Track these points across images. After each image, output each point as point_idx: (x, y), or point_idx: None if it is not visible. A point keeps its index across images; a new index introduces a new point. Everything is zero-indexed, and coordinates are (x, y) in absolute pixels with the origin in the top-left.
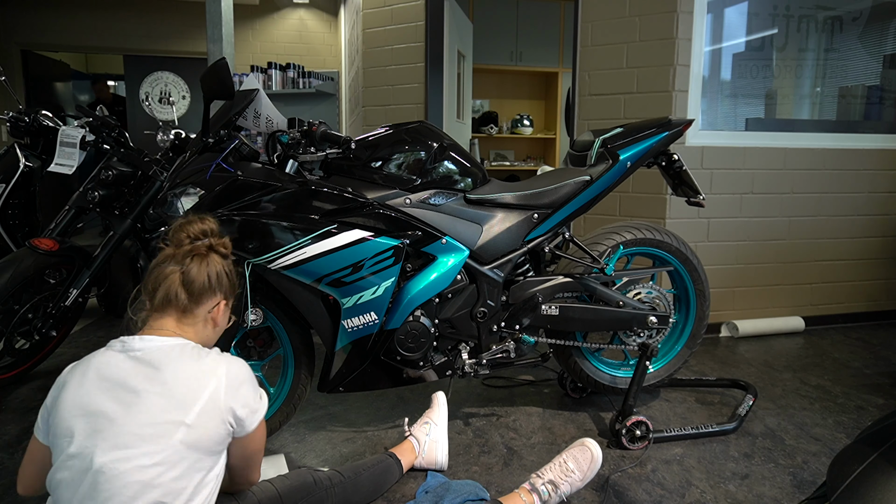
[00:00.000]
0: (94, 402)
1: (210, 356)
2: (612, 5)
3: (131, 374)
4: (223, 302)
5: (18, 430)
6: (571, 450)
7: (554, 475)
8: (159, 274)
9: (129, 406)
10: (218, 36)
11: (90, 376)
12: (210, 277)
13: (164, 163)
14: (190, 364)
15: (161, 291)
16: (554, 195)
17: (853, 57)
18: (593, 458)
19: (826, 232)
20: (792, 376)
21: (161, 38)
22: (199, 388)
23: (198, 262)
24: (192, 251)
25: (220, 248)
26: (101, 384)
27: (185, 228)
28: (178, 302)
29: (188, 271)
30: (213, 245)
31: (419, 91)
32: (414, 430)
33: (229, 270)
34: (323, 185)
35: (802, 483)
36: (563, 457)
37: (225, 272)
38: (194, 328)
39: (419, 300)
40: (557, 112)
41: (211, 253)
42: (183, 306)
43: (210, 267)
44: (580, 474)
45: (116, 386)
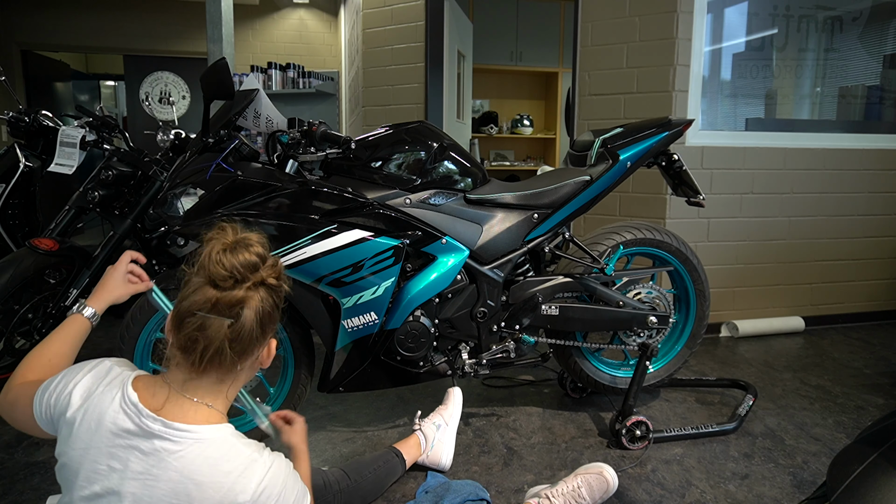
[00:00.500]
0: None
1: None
2: (612, 5)
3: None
4: (273, 341)
5: (18, 430)
6: (588, 476)
7: (564, 501)
8: (198, 324)
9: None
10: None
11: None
12: (263, 322)
13: (164, 163)
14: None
15: (202, 350)
16: (554, 195)
17: (853, 57)
18: (608, 489)
19: (826, 232)
20: (792, 376)
21: (161, 38)
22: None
23: (250, 308)
24: (241, 300)
25: (271, 280)
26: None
27: (227, 259)
28: (223, 361)
29: (239, 326)
30: (264, 280)
31: (419, 91)
32: (423, 426)
33: (279, 300)
34: (323, 185)
35: (802, 483)
36: (578, 481)
37: (276, 305)
38: (237, 382)
39: (419, 300)
40: (557, 112)
41: (260, 290)
42: (231, 364)
43: (263, 308)
44: (591, 501)
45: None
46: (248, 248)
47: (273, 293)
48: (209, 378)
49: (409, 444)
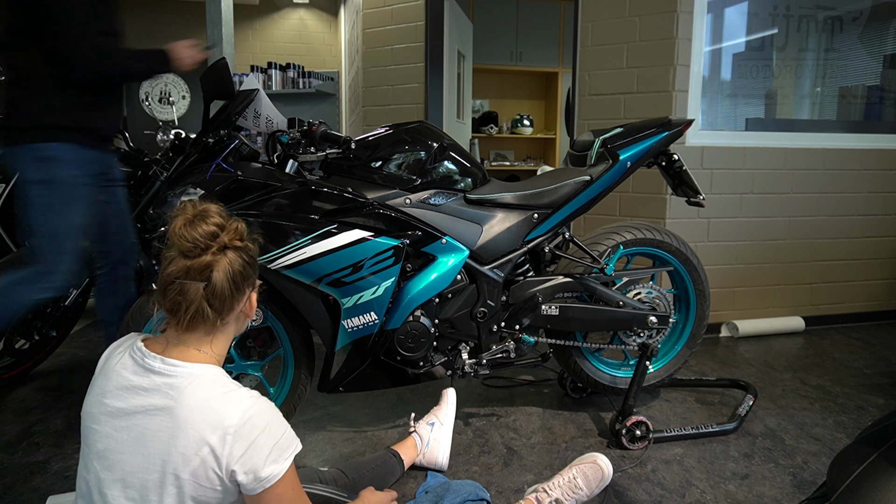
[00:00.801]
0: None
1: (229, 402)
2: (612, 5)
3: (145, 401)
4: (253, 294)
5: (18, 430)
6: (582, 466)
7: (561, 492)
8: (178, 290)
9: (135, 442)
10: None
11: (110, 385)
12: (236, 280)
13: (164, 163)
14: (203, 408)
15: (185, 311)
16: (554, 195)
17: (853, 57)
18: (604, 476)
19: (826, 232)
20: (792, 376)
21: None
22: (201, 440)
23: (219, 270)
24: (208, 265)
25: (236, 243)
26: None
27: (189, 232)
28: (205, 318)
29: (212, 287)
30: (227, 243)
31: (419, 91)
32: (419, 427)
33: (250, 256)
34: (323, 185)
35: (802, 483)
36: (573, 472)
37: (247, 262)
38: (226, 333)
39: (419, 300)
40: (557, 112)
41: (227, 253)
42: (213, 320)
43: (233, 267)
44: (588, 491)
45: (127, 413)
46: (207, 219)
47: (240, 253)
48: (198, 333)
49: (406, 445)
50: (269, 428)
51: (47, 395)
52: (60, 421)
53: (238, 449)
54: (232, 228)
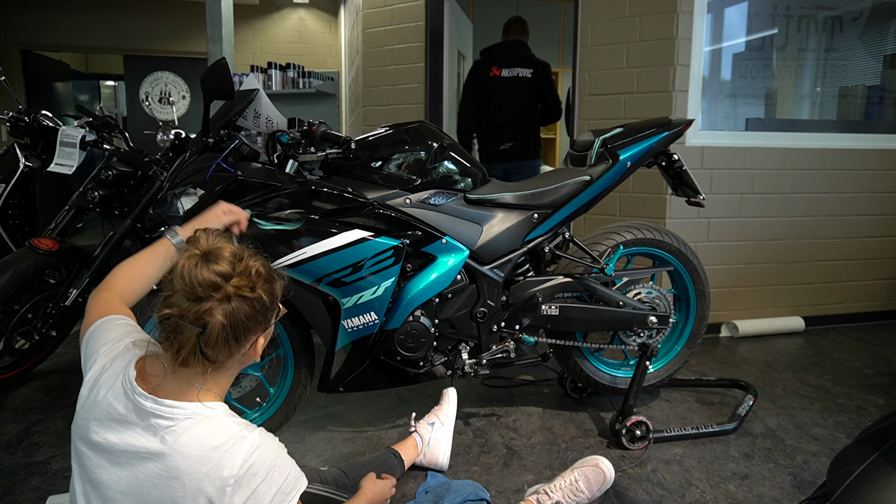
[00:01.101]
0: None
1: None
2: (612, 5)
3: (138, 442)
4: (260, 339)
5: (18, 430)
6: (584, 469)
7: (562, 495)
8: (173, 327)
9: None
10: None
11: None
12: (237, 330)
13: (164, 163)
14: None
15: (177, 350)
16: (554, 195)
17: (853, 57)
18: (605, 480)
19: (826, 232)
20: (792, 376)
21: (161, 38)
22: (198, 490)
23: (216, 319)
24: (205, 313)
25: (245, 293)
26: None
27: (192, 273)
28: (196, 361)
29: (206, 336)
30: (231, 294)
31: (419, 91)
32: (419, 427)
33: (261, 305)
34: (323, 185)
35: (802, 483)
36: (575, 475)
37: (255, 311)
38: (226, 373)
39: (419, 300)
40: None
41: (231, 302)
42: (204, 364)
43: (235, 317)
44: (589, 494)
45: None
46: (215, 262)
47: (248, 302)
48: (193, 370)
49: (407, 445)
50: (271, 474)
51: (47, 395)
52: (60, 421)
53: (238, 499)
54: (244, 274)
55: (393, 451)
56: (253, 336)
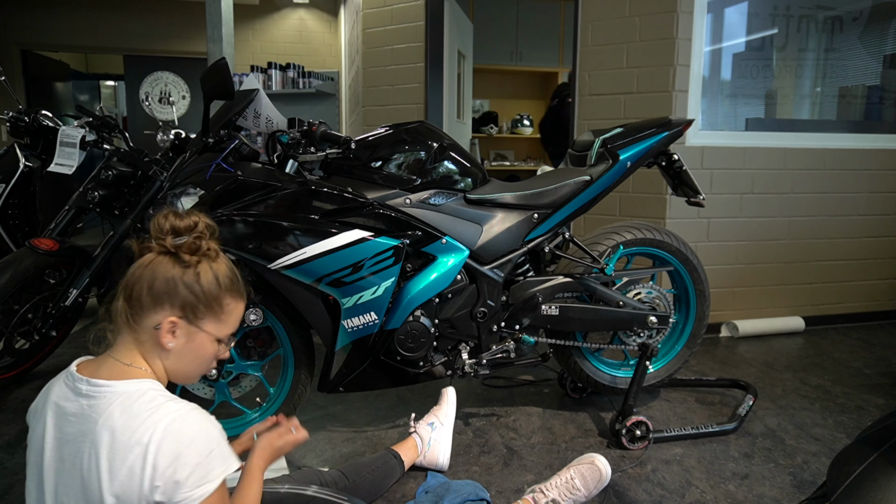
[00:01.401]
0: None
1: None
2: (612, 5)
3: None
4: (173, 319)
5: (18, 430)
6: (580, 466)
7: (558, 493)
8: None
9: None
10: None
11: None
12: (153, 284)
13: (164, 163)
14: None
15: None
16: (554, 195)
17: (853, 57)
18: (601, 477)
19: (826, 232)
20: (792, 376)
21: (161, 38)
22: (122, 460)
23: (142, 261)
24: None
25: (183, 255)
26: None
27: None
28: (120, 312)
29: (130, 271)
30: (170, 247)
31: (419, 91)
32: (419, 428)
33: (191, 281)
34: (323, 185)
35: (802, 483)
36: (571, 473)
37: (181, 282)
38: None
39: (419, 300)
40: None
41: (166, 255)
42: (125, 318)
43: (157, 270)
44: (585, 492)
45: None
46: (177, 218)
47: (178, 264)
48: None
49: (407, 445)
50: (194, 444)
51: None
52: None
53: (162, 462)
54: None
55: (393, 451)
56: (167, 308)
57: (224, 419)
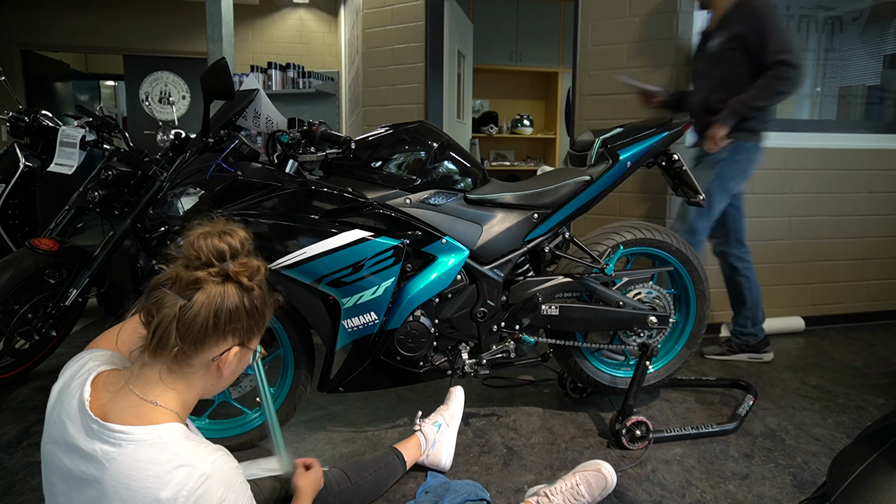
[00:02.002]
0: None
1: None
2: (612, 5)
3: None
4: (235, 348)
5: (18, 430)
6: (586, 473)
7: (563, 499)
8: (157, 299)
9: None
10: (218, 36)
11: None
12: (219, 317)
13: (164, 163)
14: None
15: (153, 328)
16: (554, 195)
17: (853, 57)
18: (607, 485)
19: (826, 232)
20: (792, 376)
21: (161, 38)
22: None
23: (205, 295)
24: (197, 281)
25: (243, 279)
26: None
27: (200, 241)
28: (167, 344)
29: (187, 308)
30: (231, 273)
31: (419, 91)
32: (424, 427)
33: (251, 307)
34: (323, 185)
35: (802, 483)
36: (576, 479)
37: (244, 309)
38: (191, 381)
39: (419, 300)
40: (557, 112)
41: (225, 283)
42: (174, 353)
43: (223, 302)
44: (590, 498)
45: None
46: (226, 236)
47: (243, 292)
48: (160, 365)
49: (410, 444)
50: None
51: (47, 395)
52: None
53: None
54: (244, 262)
55: (395, 450)
56: (230, 338)
57: (224, 419)
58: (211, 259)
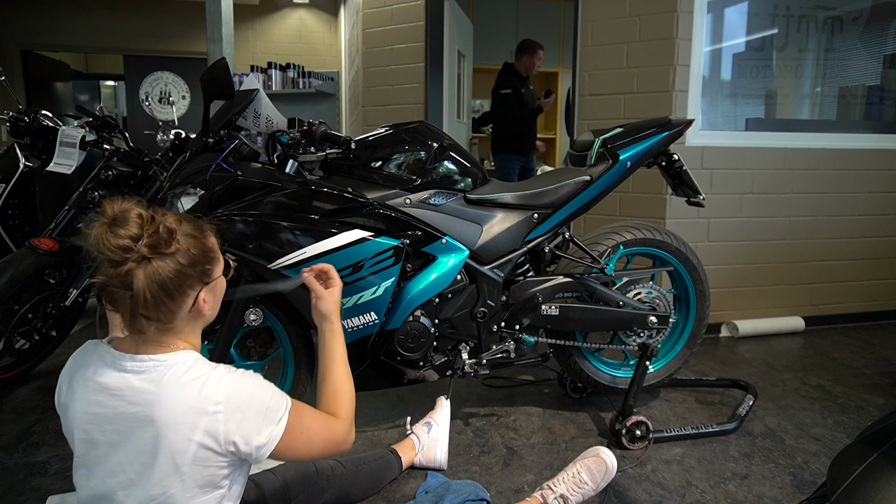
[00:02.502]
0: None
1: (208, 382)
2: (612, 5)
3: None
4: (202, 293)
5: (18, 430)
6: (586, 460)
7: (566, 487)
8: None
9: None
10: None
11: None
12: (166, 287)
13: (164, 163)
14: (184, 396)
15: (123, 314)
16: (554, 195)
17: (853, 57)
18: (608, 470)
19: (826, 232)
20: (792, 376)
21: (161, 38)
22: (192, 427)
23: (140, 280)
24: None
25: (162, 249)
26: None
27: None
28: (140, 323)
29: (135, 298)
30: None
31: (419, 91)
32: (416, 429)
33: (188, 260)
34: (323, 185)
35: (802, 483)
36: (577, 467)
37: (181, 265)
38: (181, 332)
39: (419, 300)
40: (557, 112)
41: (151, 263)
42: (154, 328)
43: (161, 275)
44: (593, 485)
45: (107, 419)
46: (123, 226)
47: (168, 258)
48: (150, 333)
49: (405, 445)
50: (253, 397)
51: (47, 395)
52: (60, 421)
53: (232, 424)
54: (154, 233)
55: (390, 448)
56: (190, 291)
57: None
58: (121, 255)
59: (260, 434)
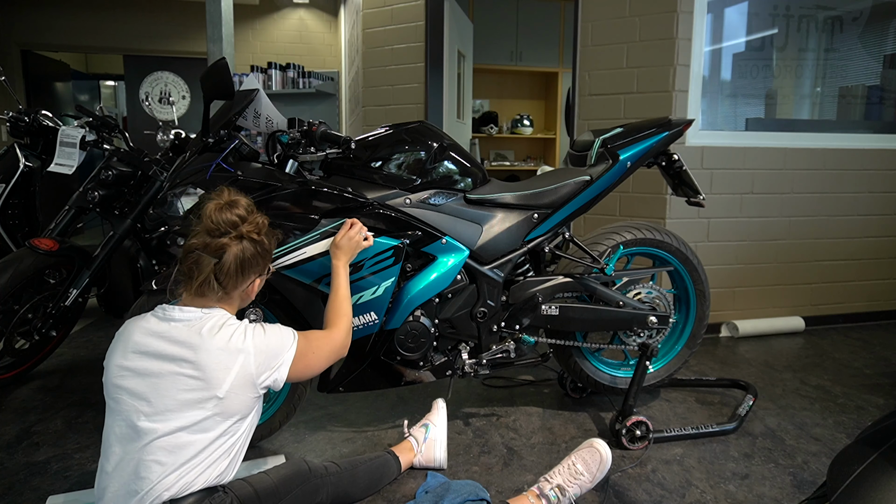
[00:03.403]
0: (135, 369)
1: (238, 331)
2: (612, 5)
3: (168, 346)
4: (257, 280)
5: (18, 430)
6: (580, 451)
7: (563, 479)
8: (194, 260)
9: (165, 378)
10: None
11: (133, 341)
12: (243, 265)
13: (164, 163)
14: (221, 341)
15: (196, 278)
16: (554, 195)
17: (853, 57)
18: (602, 459)
19: (826, 232)
20: (792, 376)
21: (161, 38)
22: (229, 366)
23: (231, 254)
24: (222, 247)
25: (253, 235)
26: (141, 352)
27: (216, 215)
28: (211, 289)
29: (221, 265)
30: (245, 234)
31: (419, 91)
32: (413, 431)
33: (262, 249)
34: (323, 185)
35: (802, 483)
36: (572, 459)
37: (258, 253)
38: (230, 304)
39: (419, 300)
40: (557, 112)
41: (242, 242)
42: (217, 291)
43: (244, 255)
44: (589, 476)
45: (155, 356)
46: (234, 208)
47: (255, 244)
48: (205, 299)
49: (403, 447)
50: (269, 336)
51: (47, 395)
52: (60, 421)
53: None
54: (253, 222)
55: (390, 451)
56: (253, 275)
57: None
58: (227, 229)
59: (282, 362)
